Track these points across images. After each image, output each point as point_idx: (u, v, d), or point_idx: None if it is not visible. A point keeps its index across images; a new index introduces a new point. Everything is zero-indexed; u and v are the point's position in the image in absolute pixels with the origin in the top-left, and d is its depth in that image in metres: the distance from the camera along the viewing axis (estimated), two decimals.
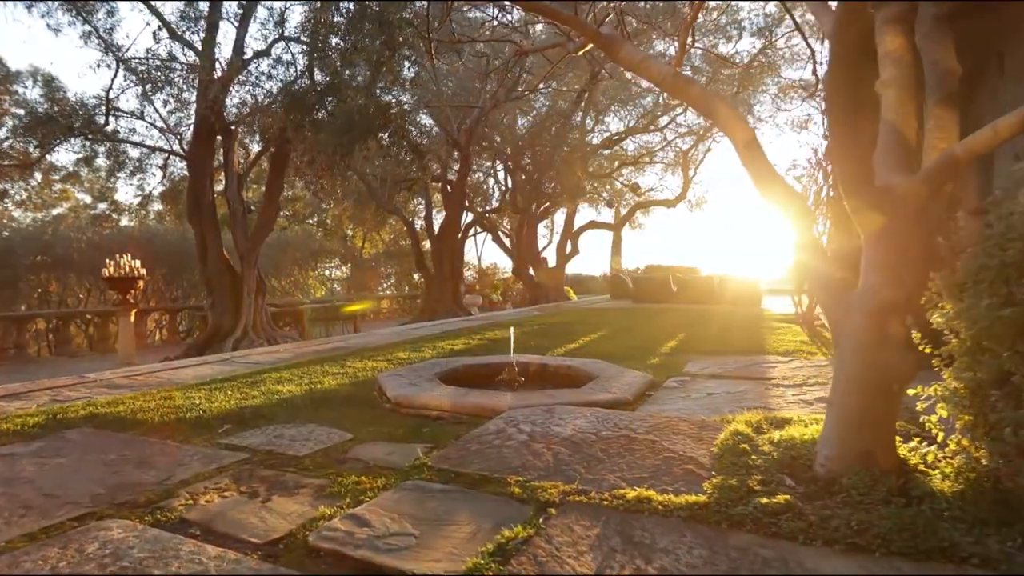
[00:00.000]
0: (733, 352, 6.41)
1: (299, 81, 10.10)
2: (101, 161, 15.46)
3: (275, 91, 9.83)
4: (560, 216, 27.92)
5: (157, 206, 25.04)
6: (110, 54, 10.95)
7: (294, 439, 3.25)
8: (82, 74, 43.24)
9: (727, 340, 7.55)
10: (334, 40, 8.83)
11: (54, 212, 25.65)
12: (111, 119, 10.74)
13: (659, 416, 3.46)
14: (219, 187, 13.75)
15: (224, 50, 11.48)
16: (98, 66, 10.24)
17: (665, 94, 22.02)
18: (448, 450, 2.94)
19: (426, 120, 17.63)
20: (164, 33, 10.98)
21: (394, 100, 10.51)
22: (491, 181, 25.44)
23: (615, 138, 23.27)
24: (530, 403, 3.79)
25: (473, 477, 2.56)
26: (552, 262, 25.39)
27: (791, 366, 5.41)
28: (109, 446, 3.16)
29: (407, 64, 9.52)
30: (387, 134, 9.38)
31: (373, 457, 2.91)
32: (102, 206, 27.74)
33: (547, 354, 6.35)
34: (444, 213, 20.14)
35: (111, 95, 10.31)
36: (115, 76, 10.19)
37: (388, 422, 3.68)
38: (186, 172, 12.88)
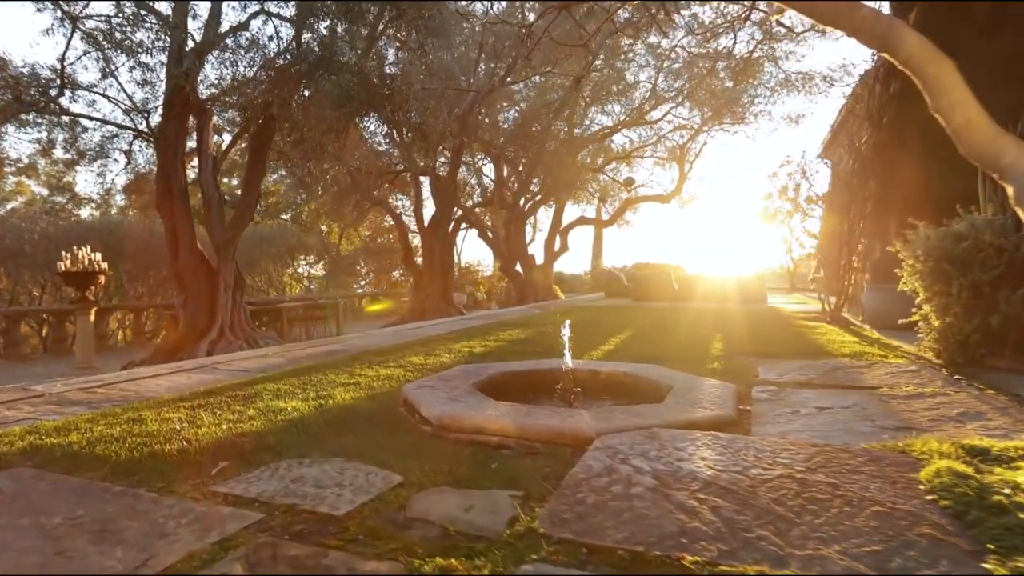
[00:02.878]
0: (790, 355, 5.68)
1: (285, 55, 9.04)
2: (59, 152, 14.15)
3: (258, 61, 8.72)
4: (544, 213, 27.25)
5: (120, 199, 23.44)
6: (67, 22, 9.70)
7: (321, 484, 2.33)
8: (35, 43, 40.81)
9: (770, 340, 6.84)
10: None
11: (8, 206, 23.86)
12: (67, 92, 9.45)
13: (801, 444, 2.64)
14: (191, 177, 12.55)
15: (200, 11, 10.31)
16: (51, 30, 8.96)
17: (659, 87, 21.48)
18: (556, 504, 2.07)
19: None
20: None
21: (398, 72, 9.49)
22: (475, 176, 24.64)
23: (606, 131, 22.65)
24: (616, 426, 2.94)
25: (620, 556, 1.69)
26: (539, 259, 24.65)
27: (878, 372, 4.67)
28: (54, 501, 2.20)
29: (411, 30, 8.52)
30: (389, 109, 8.36)
31: (447, 515, 2.01)
32: (60, 199, 26.02)
33: (583, 358, 5.51)
34: (433, 207, 19.16)
35: (66, 62, 9.02)
36: (71, 38, 8.90)
37: (437, 453, 2.78)
38: (153, 159, 11.68)
